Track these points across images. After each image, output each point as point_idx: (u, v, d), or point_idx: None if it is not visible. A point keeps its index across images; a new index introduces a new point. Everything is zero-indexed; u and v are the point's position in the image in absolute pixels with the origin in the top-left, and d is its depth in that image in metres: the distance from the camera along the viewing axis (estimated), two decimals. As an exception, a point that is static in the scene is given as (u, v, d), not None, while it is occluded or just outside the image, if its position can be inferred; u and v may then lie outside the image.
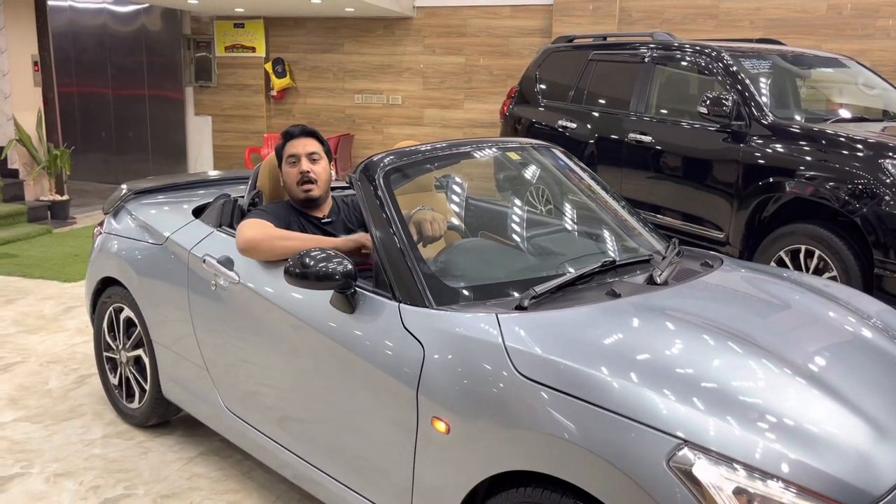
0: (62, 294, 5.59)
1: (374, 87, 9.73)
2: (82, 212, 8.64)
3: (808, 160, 4.64)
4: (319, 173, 2.95)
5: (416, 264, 2.29)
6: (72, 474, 3.13)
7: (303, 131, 3.03)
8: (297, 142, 2.99)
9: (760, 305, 2.34)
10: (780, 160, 4.77)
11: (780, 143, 4.81)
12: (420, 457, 2.12)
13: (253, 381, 2.74)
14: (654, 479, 1.64)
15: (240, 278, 2.72)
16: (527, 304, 2.15)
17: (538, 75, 7.04)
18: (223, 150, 10.36)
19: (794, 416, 1.76)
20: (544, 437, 1.81)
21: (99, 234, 3.65)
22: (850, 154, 4.46)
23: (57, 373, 4.15)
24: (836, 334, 2.24)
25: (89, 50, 10.82)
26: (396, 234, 2.35)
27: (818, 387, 1.89)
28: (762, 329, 2.13)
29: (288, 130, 3.04)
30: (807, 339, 2.15)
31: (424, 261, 2.32)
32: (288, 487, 3.03)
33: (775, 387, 1.85)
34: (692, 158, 5.39)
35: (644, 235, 2.86)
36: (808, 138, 4.72)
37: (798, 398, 1.83)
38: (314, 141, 3.02)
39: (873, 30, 7.88)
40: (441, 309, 2.19)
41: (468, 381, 1.99)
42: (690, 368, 1.87)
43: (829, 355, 2.08)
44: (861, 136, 4.55)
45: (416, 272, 2.27)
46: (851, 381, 1.97)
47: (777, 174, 4.78)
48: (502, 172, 3.02)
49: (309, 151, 2.96)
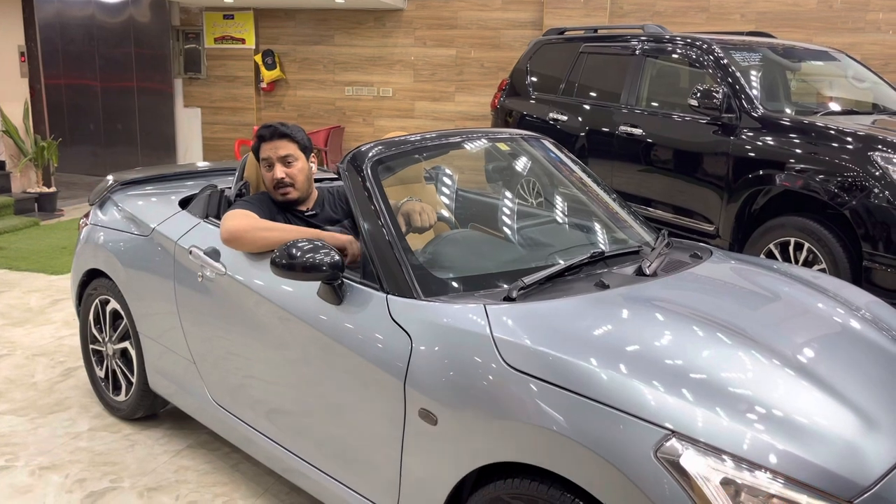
0: (49, 286, 5.54)
1: (365, 80, 9.68)
2: (70, 204, 8.57)
3: (797, 153, 4.64)
4: (296, 175, 2.86)
5: (404, 255, 2.27)
6: (57, 467, 3.10)
7: (274, 133, 2.88)
8: (269, 145, 2.87)
9: (750, 297, 2.34)
10: (771, 153, 4.77)
11: (771, 136, 4.81)
12: (408, 448, 2.11)
13: (240, 373, 2.72)
14: (642, 469, 1.63)
15: (226, 270, 2.70)
16: (515, 296, 2.13)
17: (529, 68, 7.02)
18: (213, 142, 10.30)
19: (782, 407, 1.75)
20: (532, 429, 1.80)
21: (84, 226, 3.62)
22: (839, 147, 4.46)
23: (43, 365, 4.11)
24: (825, 325, 2.24)
25: (77, 41, 10.72)
26: (384, 225, 2.33)
27: (807, 378, 1.89)
28: (751, 320, 2.12)
29: (259, 133, 2.92)
30: (796, 330, 2.14)
31: (412, 252, 2.31)
32: (276, 480, 3.01)
33: (764, 378, 1.85)
34: (682, 151, 5.38)
35: (634, 227, 2.85)
36: (798, 131, 4.72)
37: (787, 389, 1.83)
38: (287, 142, 2.87)
39: (864, 23, 7.89)
40: (429, 300, 2.17)
41: (455, 373, 1.98)
42: (679, 359, 1.86)
43: (818, 346, 2.08)
44: (851, 128, 4.55)
45: (404, 263, 2.25)
46: (840, 372, 1.97)
47: (767, 167, 4.78)
48: (492, 163, 3.00)
49: (282, 155, 2.85)
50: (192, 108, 10.34)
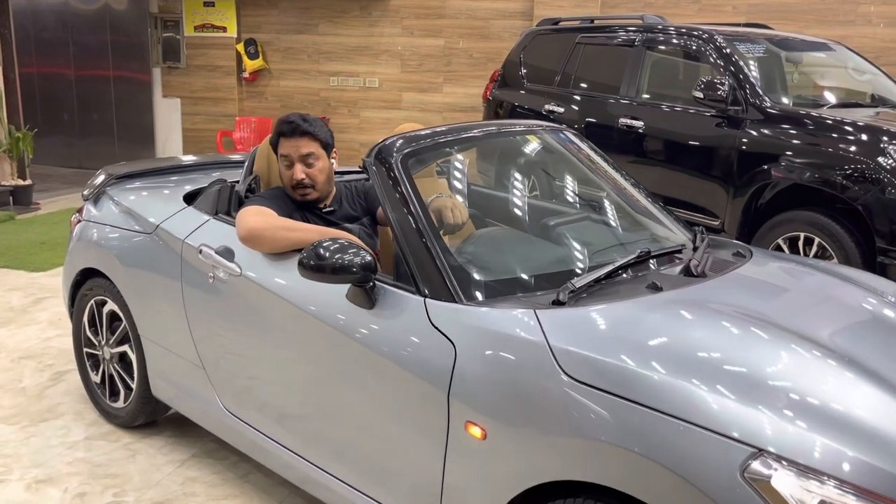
0: (31, 284, 5.29)
1: (351, 70, 9.47)
2: (46, 197, 8.27)
3: (807, 146, 4.56)
4: (316, 176, 2.66)
5: (443, 256, 2.12)
6: (54, 480, 2.91)
7: (295, 130, 2.65)
8: (290, 142, 2.66)
9: (808, 299, 2.22)
10: (779, 146, 4.68)
11: (778, 129, 4.72)
12: (451, 463, 1.97)
13: (256, 380, 2.55)
14: (727, 490, 1.51)
15: (242, 270, 2.53)
16: (566, 299, 2.00)
17: (522, 59, 6.88)
18: (193, 133, 10.01)
19: (872, 423, 1.63)
20: (600, 446, 1.67)
21: (78, 222, 3.41)
22: (850, 140, 4.39)
23: (31, 369, 3.90)
24: (888, 329, 2.13)
25: (50, 28, 10.36)
26: (420, 225, 2.17)
27: (890, 391, 1.77)
28: (819, 327, 2.00)
29: (280, 128, 2.69)
30: (864, 336, 2.04)
31: (451, 252, 2.16)
32: (290, 492, 2.85)
33: (848, 391, 1.73)
34: (686, 144, 5.28)
35: (667, 224, 2.72)
36: (807, 124, 4.64)
37: (875, 404, 1.70)
38: (309, 140, 2.66)
39: (855, 16, 7.86)
40: (471, 304, 2.03)
41: (508, 384, 1.84)
42: (756, 370, 1.74)
43: (887, 352, 1.96)
44: (861, 121, 4.48)
45: (443, 264, 2.10)
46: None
47: (775, 160, 4.69)
48: (519, 158, 2.86)
49: (303, 154, 2.65)
50: (171, 98, 10.04)
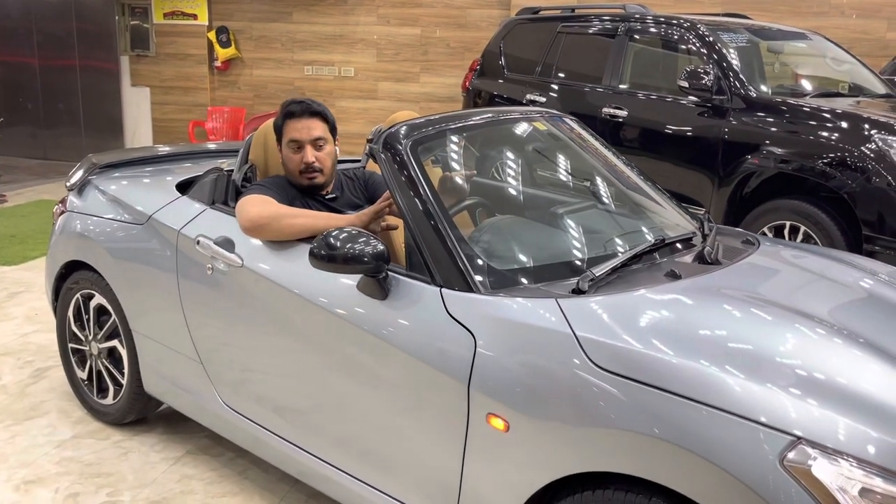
0: (2, 279, 5.12)
1: (325, 59, 9.33)
2: (12, 188, 8.03)
3: (791, 135, 4.59)
4: (325, 160, 2.59)
5: (458, 244, 2.07)
6: (44, 481, 2.81)
7: (305, 110, 2.58)
8: (300, 124, 2.57)
9: (828, 288, 2.21)
10: (764, 135, 4.71)
11: (763, 118, 4.75)
12: (471, 456, 1.93)
13: (257, 373, 2.48)
14: (765, 479, 1.49)
15: (243, 262, 2.45)
16: (586, 288, 1.96)
17: (502, 48, 6.83)
18: (163, 123, 9.80)
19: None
20: (629, 435, 1.64)
21: (61, 213, 3.29)
22: (834, 128, 4.43)
23: (10, 366, 3.77)
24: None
25: (13, 16, 10.03)
26: (433, 212, 2.12)
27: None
28: (845, 314, 2.00)
29: (289, 109, 2.61)
30: (887, 323, 2.03)
31: (466, 240, 2.11)
32: (291, 487, 2.79)
33: (882, 377, 1.72)
34: (670, 133, 5.29)
35: (673, 210, 2.71)
36: (791, 113, 4.67)
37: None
38: (319, 122, 2.60)
39: (828, 7, 7.95)
40: (489, 294, 1.98)
41: (532, 375, 1.81)
42: (787, 356, 1.72)
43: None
44: (844, 110, 4.52)
45: (458, 253, 2.06)
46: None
47: (760, 149, 4.72)
48: (524, 145, 2.82)
49: (314, 137, 2.57)
50: (140, 87, 9.80)
